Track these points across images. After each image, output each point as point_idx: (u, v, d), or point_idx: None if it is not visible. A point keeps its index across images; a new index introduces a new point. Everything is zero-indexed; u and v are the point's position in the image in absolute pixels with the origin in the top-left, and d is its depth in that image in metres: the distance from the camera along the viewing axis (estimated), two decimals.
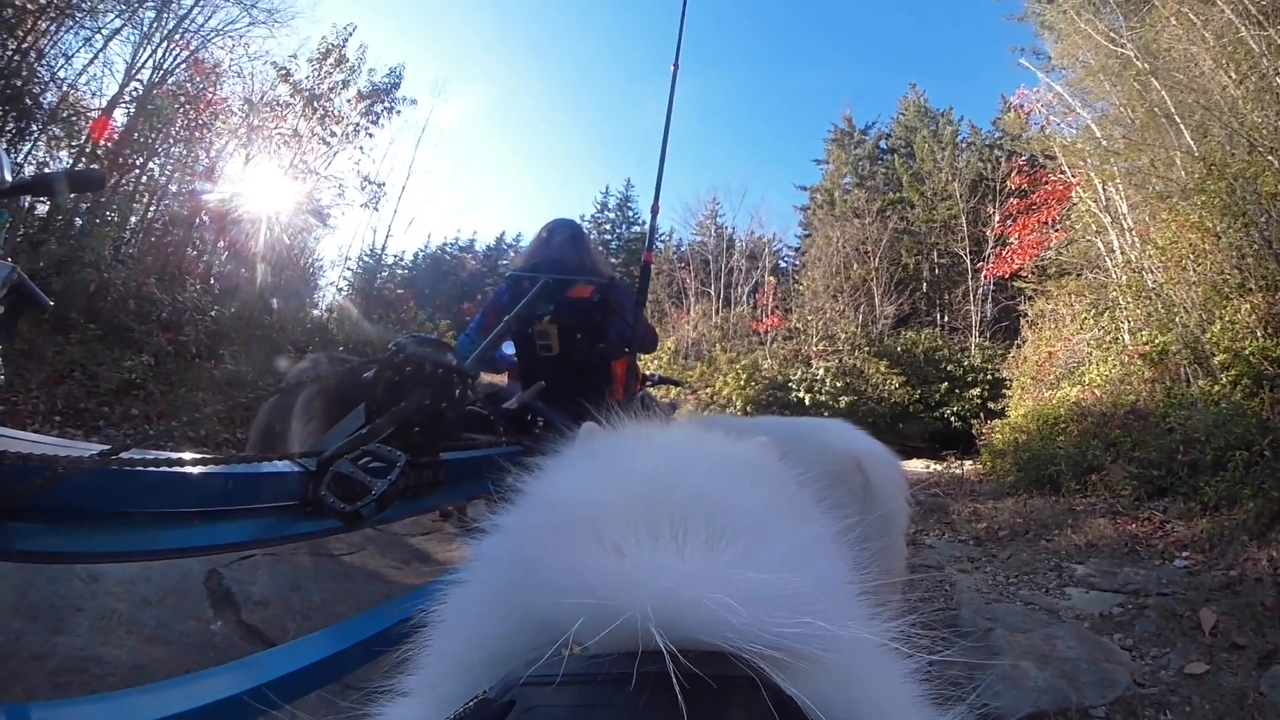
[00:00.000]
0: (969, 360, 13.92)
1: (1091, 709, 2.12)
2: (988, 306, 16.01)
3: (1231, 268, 6.73)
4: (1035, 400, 8.68)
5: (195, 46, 10.16)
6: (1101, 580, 3.42)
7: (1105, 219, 10.11)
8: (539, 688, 0.28)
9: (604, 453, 0.54)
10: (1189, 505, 4.33)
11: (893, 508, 1.66)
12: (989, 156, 18.24)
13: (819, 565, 0.37)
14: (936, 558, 3.89)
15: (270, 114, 11.43)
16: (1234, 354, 5.81)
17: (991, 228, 15.78)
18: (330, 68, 12.50)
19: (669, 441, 0.57)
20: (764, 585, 0.31)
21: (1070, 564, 3.66)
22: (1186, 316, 6.84)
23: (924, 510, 5.23)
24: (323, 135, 12.17)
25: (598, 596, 0.30)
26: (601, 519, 0.37)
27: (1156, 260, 7.85)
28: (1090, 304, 9.57)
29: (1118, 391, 6.95)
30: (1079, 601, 3.20)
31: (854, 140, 22.60)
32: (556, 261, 2.50)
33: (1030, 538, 4.24)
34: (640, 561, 0.33)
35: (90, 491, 0.82)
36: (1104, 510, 4.59)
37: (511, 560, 0.40)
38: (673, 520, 0.36)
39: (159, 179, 10.25)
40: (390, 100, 13.51)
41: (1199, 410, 5.37)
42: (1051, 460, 5.59)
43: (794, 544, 0.38)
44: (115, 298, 6.51)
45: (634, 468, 0.47)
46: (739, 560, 0.33)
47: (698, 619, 0.29)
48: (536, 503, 0.47)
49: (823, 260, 18.11)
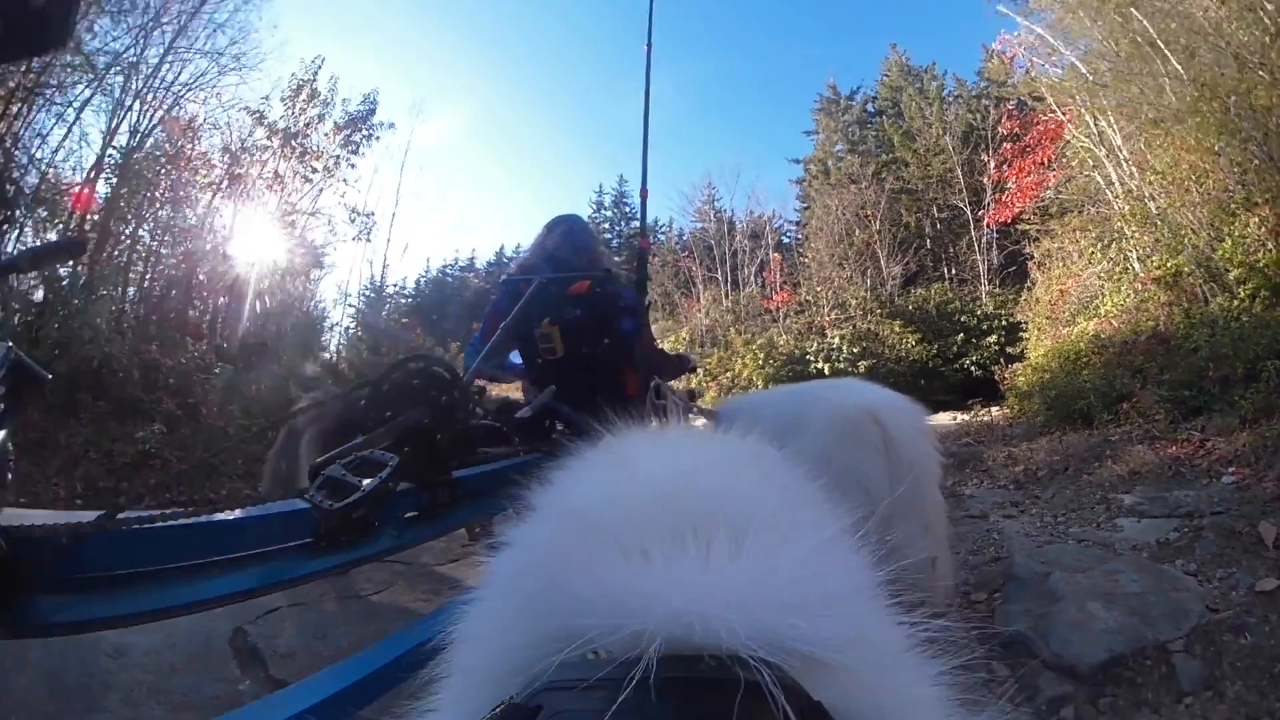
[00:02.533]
0: (981, 309, 13.50)
1: (1169, 644, 2.00)
2: (993, 254, 15.51)
3: (1235, 184, 6.50)
4: (1053, 339, 8.45)
5: (168, 105, 9.63)
6: (1151, 507, 3.26)
7: (1100, 152, 9.77)
8: (565, 692, 0.27)
9: (620, 458, 0.53)
10: (1226, 421, 4.14)
11: (918, 454, 1.59)
12: (977, 107, 17.64)
13: (842, 568, 0.37)
14: (979, 506, 3.75)
15: (250, 160, 10.95)
16: (1248, 268, 5.61)
17: (988, 175, 15.29)
18: (304, 103, 11.93)
19: (684, 444, 0.56)
20: (788, 592, 0.30)
21: (1116, 495, 3.51)
22: (1195, 237, 6.61)
23: (958, 461, 5.08)
24: (304, 173, 11.74)
25: (622, 606, 0.29)
26: (623, 526, 0.36)
27: (1158, 186, 7.62)
28: (1096, 238, 9.33)
29: (1135, 320, 6.77)
30: (1132, 532, 3.05)
31: (841, 107, 22.07)
32: (553, 259, 2.35)
33: (1070, 474, 4.08)
34: (664, 569, 0.33)
35: (104, 556, 0.82)
36: (1140, 437, 4.40)
37: (534, 573, 0.39)
38: (694, 525, 0.35)
39: (150, 244, 9.77)
40: (367, 127, 12.93)
41: (1220, 328, 5.17)
42: (1080, 394, 5.39)
43: (815, 547, 0.37)
44: (120, 370, 6.20)
45: (652, 472, 0.45)
46: (762, 566, 0.32)
47: (722, 626, 0.28)
48: (555, 513, 0.46)
49: (824, 230, 17.68)
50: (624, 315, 2.28)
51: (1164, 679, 1.91)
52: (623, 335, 2.26)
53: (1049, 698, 1.91)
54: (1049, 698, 1.91)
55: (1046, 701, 1.91)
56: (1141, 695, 1.86)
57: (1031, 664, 2.05)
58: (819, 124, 22.48)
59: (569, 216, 2.54)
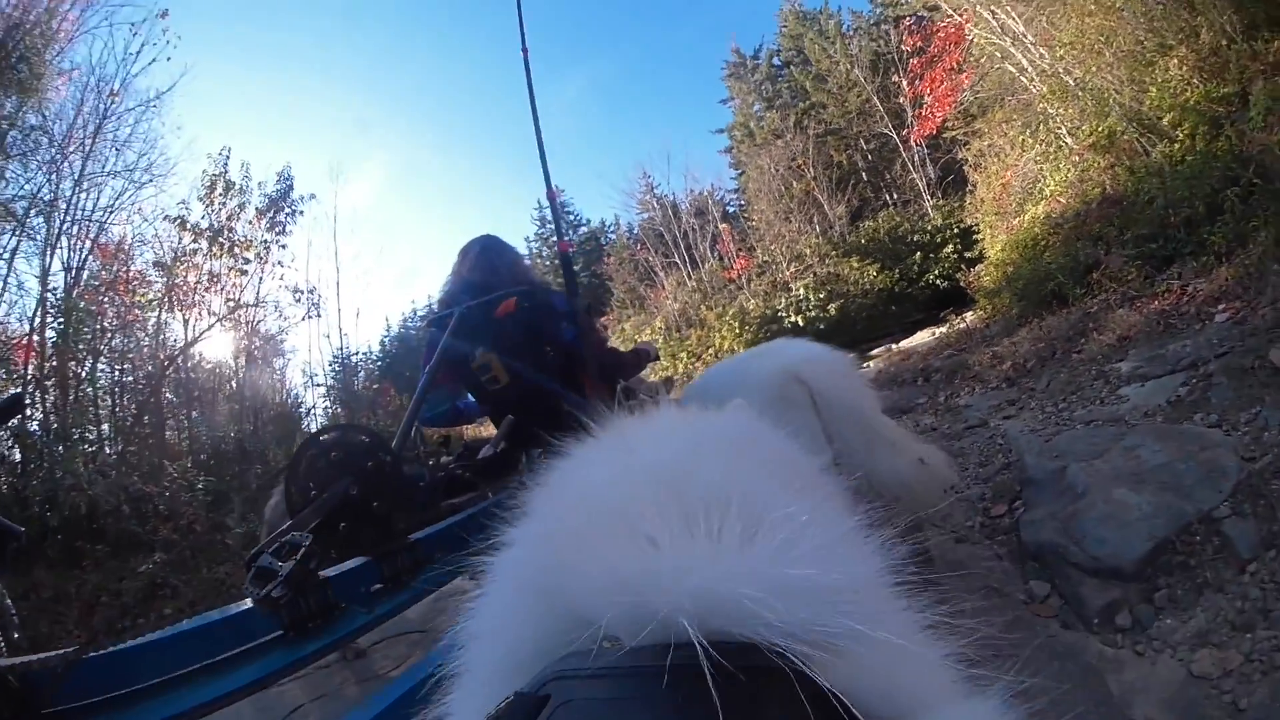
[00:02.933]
0: (931, 224, 13.53)
1: (1213, 512, 1.72)
2: (929, 169, 15.59)
3: (1145, 33, 6.37)
4: (1006, 232, 8.32)
5: (94, 234, 9.52)
6: (1150, 367, 3.01)
7: (1006, 42, 9.73)
8: (574, 681, 0.27)
9: (621, 445, 0.52)
10: (1201, 261, 3.96)
11: (847, 396, 1.62)
12: (878, 34, 17.72)
13: (851, 553, 0.36)
14: (976, 414, 3.49)
15: (184, 266, 10.79)
16: (1180, 109, 5.46)
17: (904, 95, 15.27)
18: (221, 197, 11.65)
19: (685, 427, 0.56)
20: (798, 578, 0.30)
21: (1112, 365, 3.26)
22: (1119, 96, 6.48)
23: (945, 374, 4.83)
24: (239, 267, 11.43)
25: (634, 592, 0.29)
26: (630, 512, 0.35)
27: (1070, 58, 7.50)
28: (1023, 125, 9.30)
29: (1081, 191, 6.64)
30: (1138, 398, 2.80)
31: (749, 69, 22.11)
32: (471, 285, 2.20)
33: (1059, 357, 3.84)
34: (674, 554, 0.32)
35: (101, 680, 0.88)
36: (1118, 301, 4.19)
37: (541, 564, 0.37)
38: (703, 511, 0.34)
39: (113, 376, 9.69)
40: (289, 204, 12.58)
41: (1169, 174, 4.98)
42: (1047, 276, 5.20)
43: (824, 531, 0.35)
44: (109, 510, 6.25)
45: (656, 457, 0.44)
46: (772, 552, 0.32)
47: (733, 613, 0.27)
48: (562, 501, 0.45)
49: (763, 190, 17.73)
50: (560, 322, 2.15)
51: (1218, 552, 1.64)
52: (565, 343, 2.13)
53: (1097, 607, 1.62)
54: (1097, 607, 1.62)
55: (1097, 613, 1.61)
56: (1199, 577, 1.58)
57: (1070, 573, 1.76)
58: (732, 90, 22.46)
59: (481, 238, 2.40)
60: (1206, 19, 5.42)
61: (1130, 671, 1.42)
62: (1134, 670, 1.42)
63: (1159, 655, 1.43)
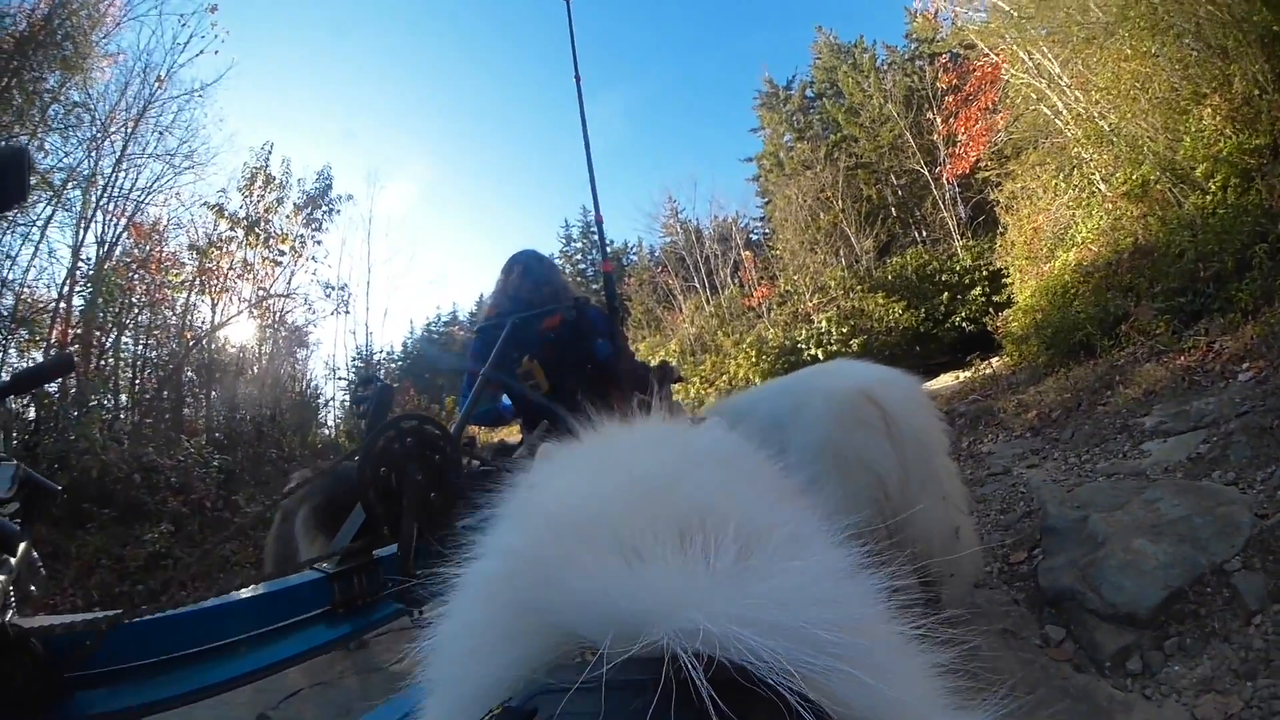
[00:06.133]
0: (960, 264, 13.46)
1: (1225, 564, 1.83)
2: (959, 208, 15.58)
3: (1179, 80, 6.49)
4: (1036, 277, 8.35)
5: (130, 212, 9.87)
6: (1174, 423, 3.12)
7: (1041, 84, 9.84)
8: (560, 695, 0.27)
9: (603, 455, 0.51)
10: (1229, 318, 4.03)
11: (920, 425, 1.57)
12: (912, 69, 17.98)
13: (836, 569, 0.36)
14: (1000, 462, 3.58)
15: (218, 253, 11.21)
16: (1213, 160, 5.56)
17: (937, 132, 15.43)
18: (260, 190, 12.20)
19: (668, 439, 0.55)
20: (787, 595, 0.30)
21: (1136, 419, 3.36)
22: (1152, 143, 6.57)
23: (970, 419, 4.92)
24: (273, 258, 11.96)
25: (623, 609, 0.29)
26: (614, 525, 0.35)
27: (1104, 103, 7.60)
28: (1056, 169, 9.39)
29: (1113, 240, 6.67)
30: (1160, 453, 2.90)
31: (781, 99, 22.48)
32: (517, 299, 2.40)
33: (1084, 409, 3.93)
34: (662, 569, 0.32)
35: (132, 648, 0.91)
36: (1146, 355, 4.27)
37: (523, 577, 0.37)
38: (688, 525, 0.35)
39: (136, 349, 10.04)
40: (326, 203, 13.22)
41: (1199, 226, 5.07)
42: (1075, 326, 5.27)
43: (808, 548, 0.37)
44: (120, 476, 6.40)
45: (639, 469, 0.44)
46: (762, 569, 0.32)
47: (722, 635, 0.27)
48: (537, 514, 0.44)
49: (789, 219, 17.82)
50: (599, 339, 2.32)
51: (1227, 603, 1.75)
52: (602, 359, 2.30)
53: (1111, 652, 1.73)
54: (1111, 652, 1.73)
55: (1110, 657, 1.73)
56: (1208, 626, 1.70)
57: (1086, 618, 1.88)
58: (763, 119, 22.82)
59: (524, 254, 2.58)
60: (1239, 67, 5.53)
61: (1138, 714, 1.54)
62: (1142, 713, 1.54)
63: (1165, 699, 1.54)
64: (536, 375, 2.22)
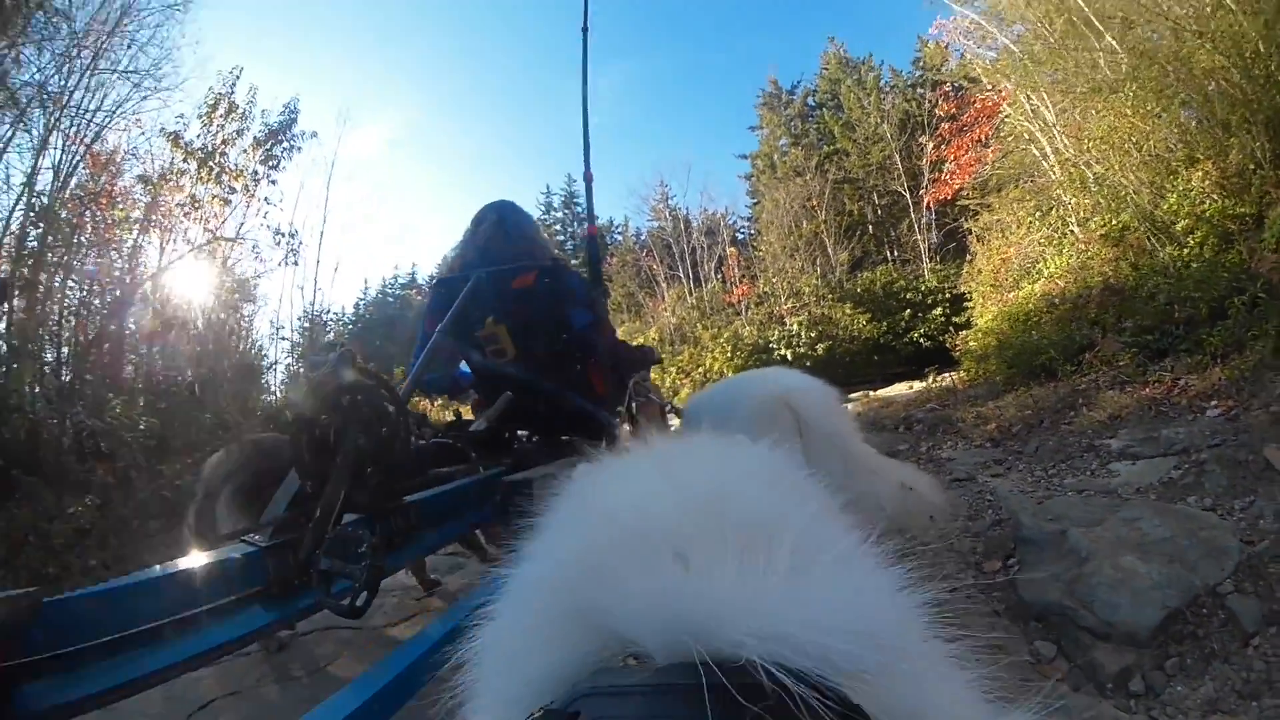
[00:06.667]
0: (925, 285, 14.00)
1: (1218, 587, 1.68)
2: (933, 234, 16.11)
3: (1175, 143, 6.63)
4: (999, 304, 8.52)
5: (90, 138, 8.86)
6: (1142, 448, 3.00)
7: (1034, 128, 10.07)
8: (605, 698, 0.27)
9: (654, 465, 0.52)
10: (1195, 359, 4.02)
11: (831, 426, 1.72)
12: (913, 96, 18.22)
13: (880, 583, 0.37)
14: (962, 468, 3.42)
15: (168, 186, 10.11)
16: (1196, 218, 5.66)
17: (926, 158, 15.74)
18: (221, 119, 11.05)
19: (717, 452, 0.57)
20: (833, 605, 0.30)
21: (1102, 440, 3.25)
22: (1137, 196, 6.72)
23: (928, 426, 4.82)
24: (223, 195, 10.75)
25: (676, 615, 0.29)
26: (666, 533, 0.35)
27: (1095, 152, 7.78)
28: (1034, 207, 9.64)
29: (1081, 278, 6.85)
30: (1129, 475, 2.77)
31: (783, 102, 22.45)
32: (487, 252, 2.12)
33: (1047, 426, 3.83)
34: (709, 578, 0.32)
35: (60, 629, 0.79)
36: (1108, 383, 4.22)
37: (578, 582, 0.36)
38: (737, 536, 0.34)
39: (80, 295, 8.97)
40: (289, 138, 11.95)
41: (1173, 274, 5.14)
42: (1039, 350, 5.26)
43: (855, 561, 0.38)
44: (49, 439, 5.70)
45: (690, 480, 0.44)
46: (806, 580, 0.32)
47: (764, 632, 0.27)
48: (588, 521, 0.44)
49: (775, 223, 18.03)
50: (578, 307, 2.08)
51: (1224, 625, 1.59)
52: (580, 330, 2.06)
53: (1112, 673, 1.54)
54: (1112, 673, 1.54)
55: (1111, 678, 1.54)
56: (1207, 648, 1.53)
57: (1079, 636, 1.69)
58: (763, 119, 22.70)
59: (499, 203, 2.29)
60: (1239, 141, 5.64)
61: None
62: None
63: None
64: (502, 340, 1.99)
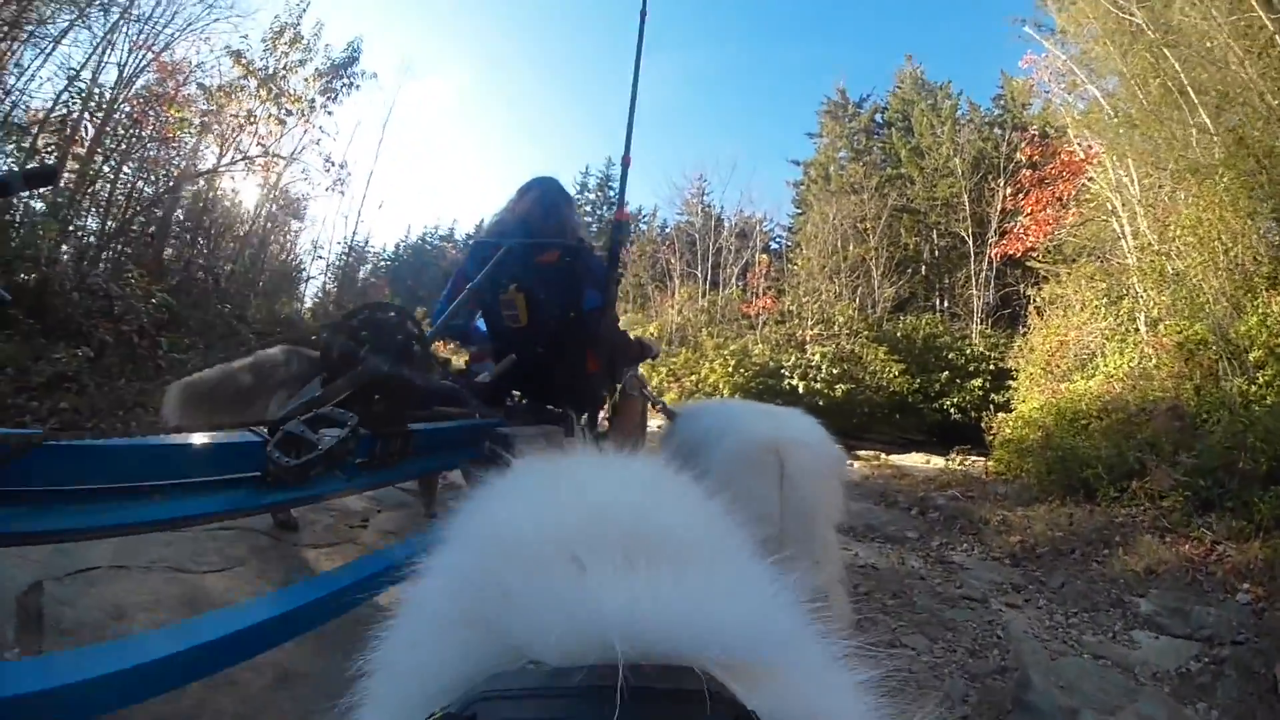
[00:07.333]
0: (971, 349, 13.03)
1: None
2: (990, 292, 15.18)
3: (1266, 255, 6.18)
4: (1047, 393, 8.07)
5: (160, 49, 9.51)
6: (1170, 622, 2.92)
7: (1117, 201, 9.47)
8: (501, 701, 0.27)
9: (543, 481, 0.52)
10: (1238, 524, 3.83)
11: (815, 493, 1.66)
12: (990, 135, 17.38)
13: (770, 586, 0.38)
14: (975, 583, 3.35)
15: (225, 97, 10.67)
16: (1269, 350, 5.28)
17: (997, 204, 14.94)
18: (285, 46, 11.55)
19: (604, 468, 0.58)
20: (724, 604, 0.32)
21: (1131, 596, 3.16)
22: (1213, 305, 6.24)
23: (944, 518, 4.70)
24: (278, 115, 11.24)
25: (566, 613, 0.30)
26: (558, 540, 0.36)
27: (1179, 244, 7.20)
28: (1104, 291, 8.89)
29: (1142, 388, 6.36)
30: (1151, 652, 2.70)
31: (848, 113, 21.61)
32: (524, 223, 2.28)
33: (1077, 559, 3.72)
34: (602, 580, 0.33)
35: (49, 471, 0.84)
36: (1149, 525, 4.08)
37: (467, 590, 0.37)
38: (627, 542, 0.35)
39: (134, 183, 9.73)
40: (349, 75, 12.49)
41: (1237, 411, 4.82)
42: (1086, 463, 5.03)
43: (743, 564, 0.41)
44: (60, 291, 6.06)
45: (579, 492, 0.45)
46: (698, 581, 0.33)
47: (660, 634, 0.28)
48: (483, 534, 0.45)
49: (818, 238, 17.17)
50: (589, 289, 2.20)
51: None
52: (588, 309, 2.20)
53: None
54: None
55: None
56: None
57: None
58: (824, 128, 22.01)
59: (544, 179, 2.45)
60: None
61: None
62: None
63: None
64: (518, 306, 2.14)
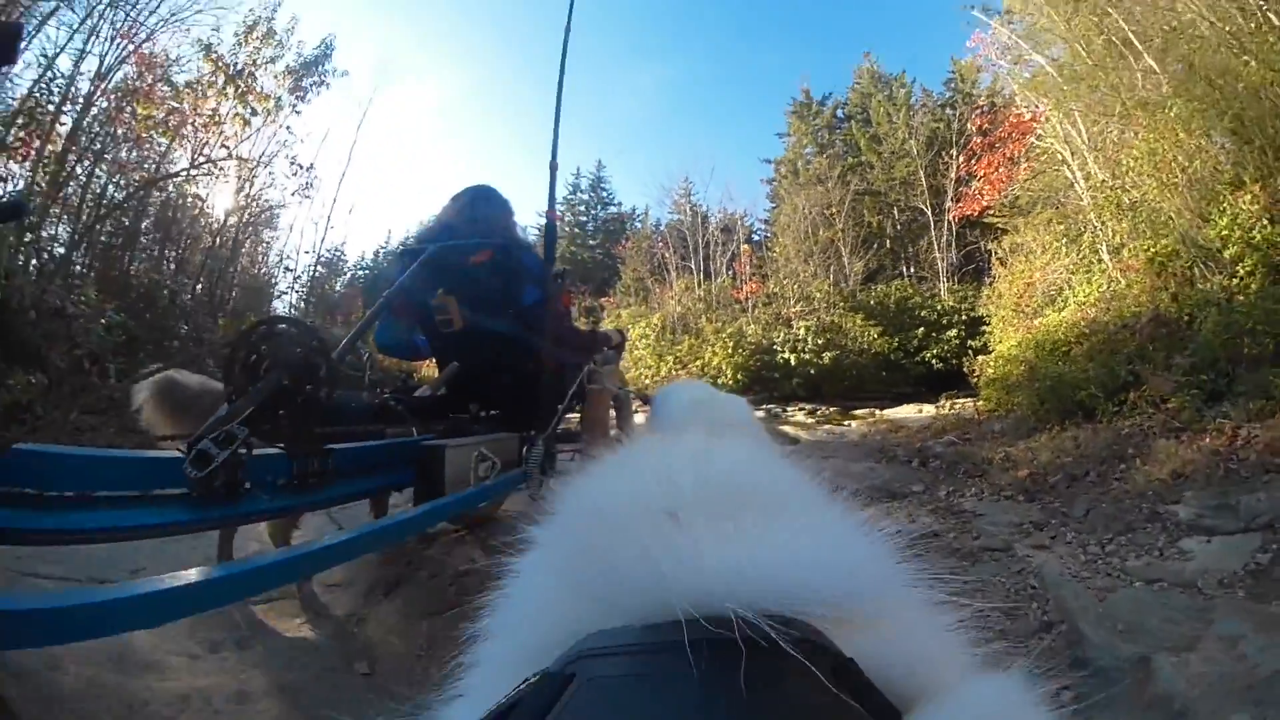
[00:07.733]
0: (941, 304, 13.00)
1: None
2: (952, 253, 15.07)
3: (1227, 164, 5.81)
4: (1021, 331, 7.76)
5: (142, 40, 8.43)
6: (1218, 520, 2.35)
7: (1066, 151, 9.29)
8: (599, 659, 0.26)
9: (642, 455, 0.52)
10: (1257, 405, 3.29)
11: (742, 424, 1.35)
12: (941, 116, 17.24)
13: (863, 536, 0.36)
14: (993, 529, 2.74)
15: (191, 95, 9.56)
16: (1245, 244, 4.88)
17: (952, 174, 14.80)
18: (257, 42, 10.43)
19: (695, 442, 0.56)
20: (818, 554, 0.31)
21: (1166, 506, 2.59)
22: (1178, 220, 5.88)
23: (945, 465, 4.12)
24: (244, 115, 10.12)
25: (664, 569, 0.29)
26: (668, 502, 0.35)
27: (1132, 176, 6.94)
28: (1063, 233, 8.87)
29: (1115, 307, 6.01)
30: (1207, 558, 2.12)
31: (812, 111, 21.60)
32: (451, 228, 2.16)
33: (1094, 481, 3.16)
34: (698, 538, 0.31)
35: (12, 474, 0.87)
36: (1160, 430, 3.52)
37: (573, 552, 0.37)
38: (724, 501, 0.34)
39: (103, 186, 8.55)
40: (319, 73, 11.29)
41: (1226, 306, 4.37)
42: (1078, 385, 4.49)
43: (836, 517, 0.38)
44: (16, 309, 5.34)
45: (674, 463, 0.43)
46: (793, 534, 0.32)
47: (761, 586, 0.27)
48: (581, 507, 0.43)
49: (792, 227, 17.16)
50: (527, 284, 2.06)
51: None
52: (526, 306, 2.05)
53: None
54: None
55: None
56: None
57: None
58: (791, 127, 21.96)
59: (478, 187, 2.34)
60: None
61: None
62: None
63: None
64: (451, 310, 1.99)
